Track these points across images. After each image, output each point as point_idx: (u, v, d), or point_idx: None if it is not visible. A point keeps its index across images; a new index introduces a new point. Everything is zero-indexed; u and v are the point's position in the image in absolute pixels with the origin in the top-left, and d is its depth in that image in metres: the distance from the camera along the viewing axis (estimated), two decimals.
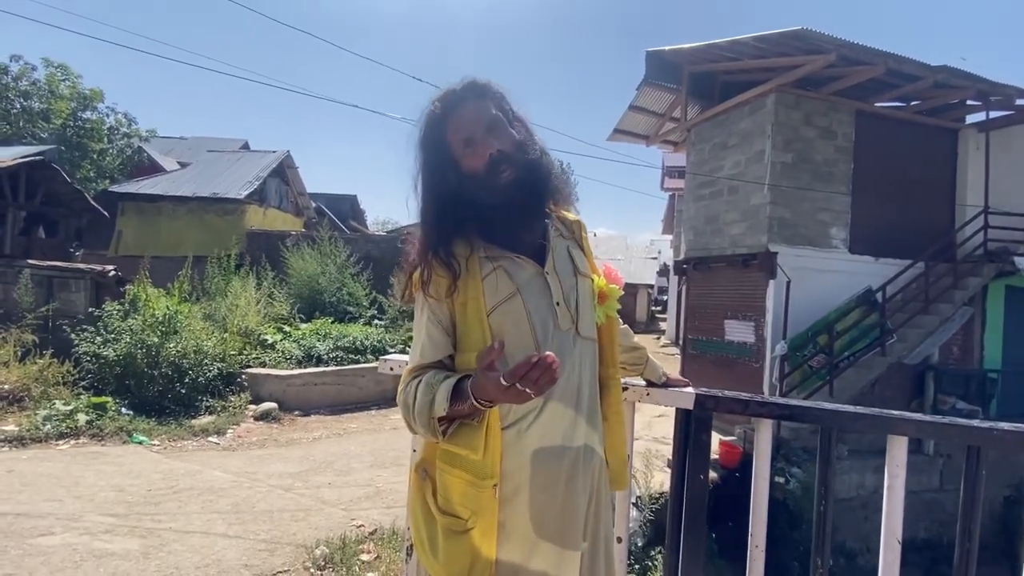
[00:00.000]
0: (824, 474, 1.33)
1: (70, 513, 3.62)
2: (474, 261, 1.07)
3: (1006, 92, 7.68)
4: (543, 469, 1.03)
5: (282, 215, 16.69)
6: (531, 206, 1.10)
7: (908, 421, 1.27)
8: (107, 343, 6.52)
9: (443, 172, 1.08)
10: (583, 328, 1.11)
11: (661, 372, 1.46)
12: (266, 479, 4.72)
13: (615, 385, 1.20)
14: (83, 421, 5.55)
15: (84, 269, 7.67)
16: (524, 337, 1.04)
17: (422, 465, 1.14)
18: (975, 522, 1.24)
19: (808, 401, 1.37)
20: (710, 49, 8.33)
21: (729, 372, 8.63)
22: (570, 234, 1.20)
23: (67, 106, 19.84)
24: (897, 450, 1.29)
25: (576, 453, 1.06)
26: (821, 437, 1.34)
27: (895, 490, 1.29)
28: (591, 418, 1.10)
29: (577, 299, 1.11)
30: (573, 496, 1.05)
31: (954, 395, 8.10)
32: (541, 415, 1.03)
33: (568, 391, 1.06)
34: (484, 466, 1.00)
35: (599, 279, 1.18)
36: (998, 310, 8.65)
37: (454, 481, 1.04)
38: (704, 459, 1.41)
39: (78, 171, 18.86)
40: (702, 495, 1.40)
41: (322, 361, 8.03)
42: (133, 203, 14.54)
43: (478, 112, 1.07)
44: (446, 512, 1.05)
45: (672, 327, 18.52)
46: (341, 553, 3.27)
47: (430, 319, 1.08)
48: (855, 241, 8.20)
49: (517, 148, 1.07)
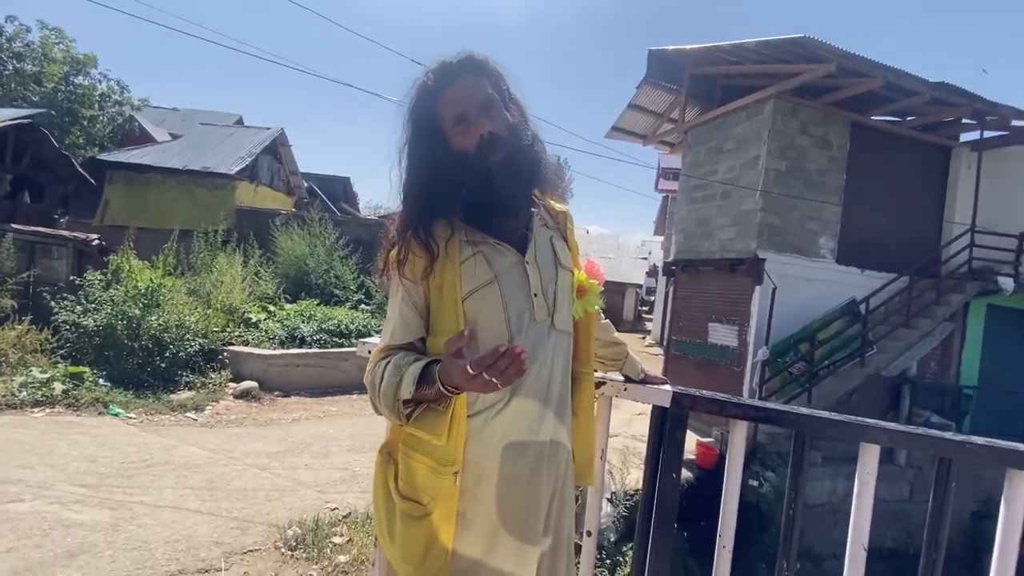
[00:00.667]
0: (796, 478, 1.34)
1: (41, 481, 3.56)
2: (453, 244, 1.05)
3: (1002, 112, 7.77)
4: (507, 461, 1.01)
5: (273, 193, 16.48)
6: (518, 193, 1.07)
7: (881, 430, 1.28)
8: (87, 313, 6.41)
9: (431, 148, 1.05)
10: (559, 321, 1.09)
11: (640, 369, 1.46)
12: (242, 457, 4.69)
13: (587, 380, 1.19)
14: (59, 390, 5.45)
15: (67, 236, 7.53)
16: (498, 325, 1.02)
17: (387, 448, 1.12)
18: (942, 533, 1.25)
19: (784, 406, 1.38)
20: (712, 51, 8.33)
21: (710, 374, 8.70)
22: (555, 225, 1.18)
23: (60, 70, 19.42)
24: (868, 458, 1.30)
25: (541, 447, 1.05)
26: (795, 441, 1.35)
27: (864, 497, 1.30)
28: (560, 412, 1.09)
29: (556, 291, 1.09)
30: (536, 491, 1.04)
31: (929, 409, 8.24)
32: (508, 406, 1.01)
33: (538, 384, 1.04)
34: (446, 452, 0.99)
35: (580, 273, 1.17)
36: (978, 328, 8.80)
37: (416, 466, 1.02)
38: (678, 457, 1.41)
39: (67, 137, 18.50)
40: (673, 493, 1.40)
41: (305, 343, 7.97)
42: (121, 172, 14.27)
43: (473, 89, 1.04)
44: (406, 497, 1.03)
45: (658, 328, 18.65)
46: (313, 535, 3.26)
47: (404, 299, 1.06)
48: (842, 252, 8.28)
49: (510, 131, 1.04)
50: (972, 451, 1.25)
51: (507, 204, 1.07)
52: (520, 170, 1.05)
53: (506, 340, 1.02)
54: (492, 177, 1.02)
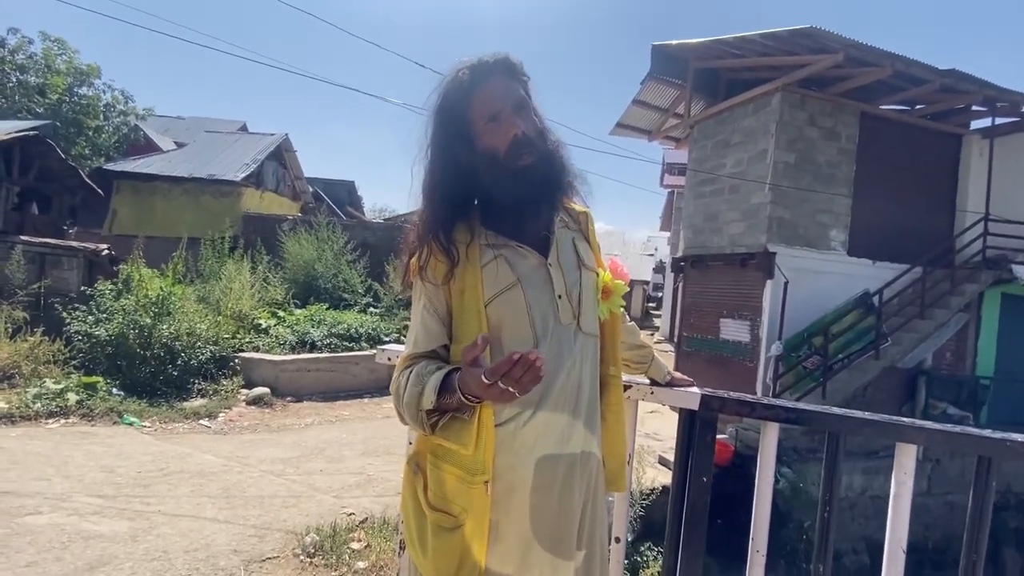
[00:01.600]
0: (830, 481, 1.31)
1: (58, 493, 3.57)
2: (474, 248, 1.03)
3: (1013, 99, 7.66)
4: (539, 472, 0.99)
5: (279, 199, 16.53)
6: (544, 196, 1.05)
7: (919, 429, 1.24)
8: (99, 323, 6.45)
9: (456, 146, 1.02)
10: (585, 323, 1.06)
11: (666, 371, 1.43)
12: (257, 464, 4.69)
13: (616, 384, 1.16)
14: (73, 400, 5.49)
15: (77, 247, 7.58)
16: (522, 330, 1.00)
17: (415, 459, 1.10)
18: (983, 534, 1.21)
19: (816, 405, 1.34)
20: (717, 45, 8.26)
21: (723, 371, 8.64)
22: (576, 226, 1.16)
23: (63, 81, 19.58)
24: (905, 458, 1.27)
25: (572, 456, 1.02)
26: (828, 443, 1.31)
27: (901, 498, 1.27)
28: (590, 418, 1.06)
29: (580, 293, 1.07)
30: (569, 502, 1.01)
31: (945, 400, 8.14)
32: (538, 413, 0.99)
33: (567, 389, 1.02)
34: (475, 462, 0.96)
35: (604, 274, 1.14)
36: (993, 317, 8.68)
37: (444, 476, 1.00)
38: (708, 461, 1.38)
39: (73, 148, 18.65)
40: (704, 497, 1.37)
41: (316, 347, 7.98)
42: (128, 182, 14.36)
43: (508, 89, 1.02)
44: (436, 508, 1.01)
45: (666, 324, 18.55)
46: (331, 541, 3.25)
47: (426, 307, 1.04)
48: (854, 244, 8.19)
49: (539, 135, 1.03)
50: (1013, 449, 1.21)
51: (532, 206, 1.05)
52: (549, 173, 1.03)
53: (531, 344, 0.99)
54: (521, 178, 1.00)
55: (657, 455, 6.73)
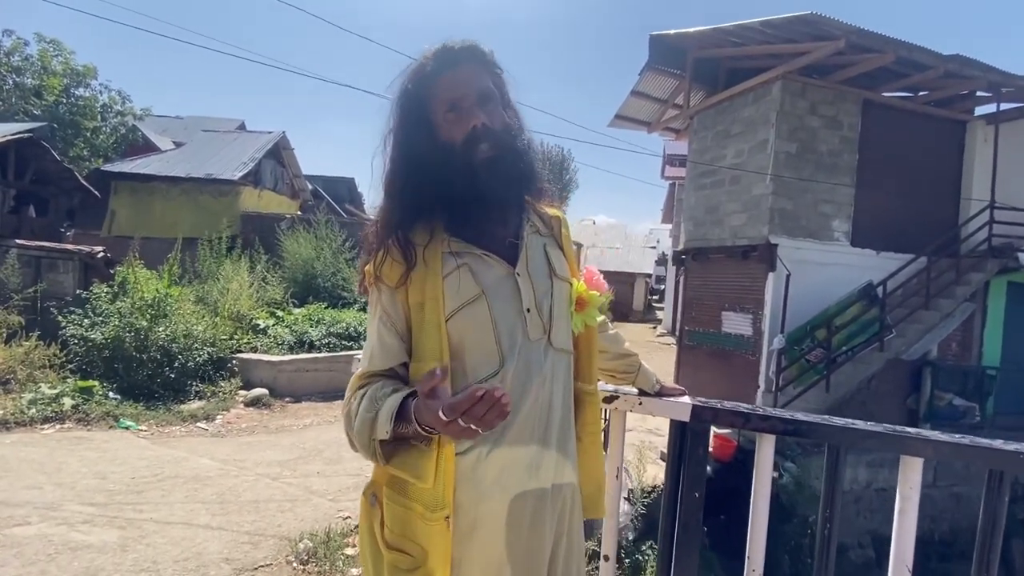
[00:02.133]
0: (831, 494, 1.23)
1: (49, 502, 3.53)
2: (434, 254, 0.93)
3: (1018, 83, 7.50)
4: (505, 505, 0.90)
5: (277, 197, 16.47)
6: (505, 195, 0.95)
7: (925, 441, 1.16)
8: (95, 326, 6.41)
9: (417, 136, 0.94)
10: (556, 339, 0.97)
11: (655, 380, 1.35)
12: (254, 467, 4.65)
13: (592, 402, 1.07)
14: (69, 405, 5.45)
15: (72, 250, 7.53)
16: (487, 347, 0.91)
17: (371, 488, 1.01)
18: (995, 550, 1.14)
19: (816, 416, 1.26)
20: (716, 34, 8.11)
21: (725, 364, 8.55)
22: (548, 231, 1.06)
23: (60, 82, 19.48)
24: (911, 471, 1.19)
25: (542, 492, 0.94)
26: (828, 455, 1.23)
27: (907, 514, 1.19)
28: (563, 441, 0.97)
29: (551, 305, 0.97)
30: (540, 538, 0.93)
31: (951, 391, 8.03)
32: (503, 439, 0.90)
33: (536, 412, 0.93)
34: (434, 496, 0.88)
35: (578, 284, 1.04)
36: (999, 306, 8.55)
37: (401, 511, 0.91)
38: (700, 475, 1.31)
39: (71, 149, 18.59)
40: (696, 516, 1.29)
41: (314, 347, 7.94)
42: (126, 183, 14.32)
43: (472, 78, 0.94)
44: (393, 547, 0.92)
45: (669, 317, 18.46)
46: (325, 547, 3.20)
47: (382, 320, 0.95)
48: (857, 234, 8.06)
49: (503, 129, 0.94)
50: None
51: (492, 206, 0.95)
52: (510, 170, 0.94)
53: (497, 362, 0.91)
54: (477, 173, 0.91)
55: (659, 451, 6.66)
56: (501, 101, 0.98)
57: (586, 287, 1.04)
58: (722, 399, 1.36)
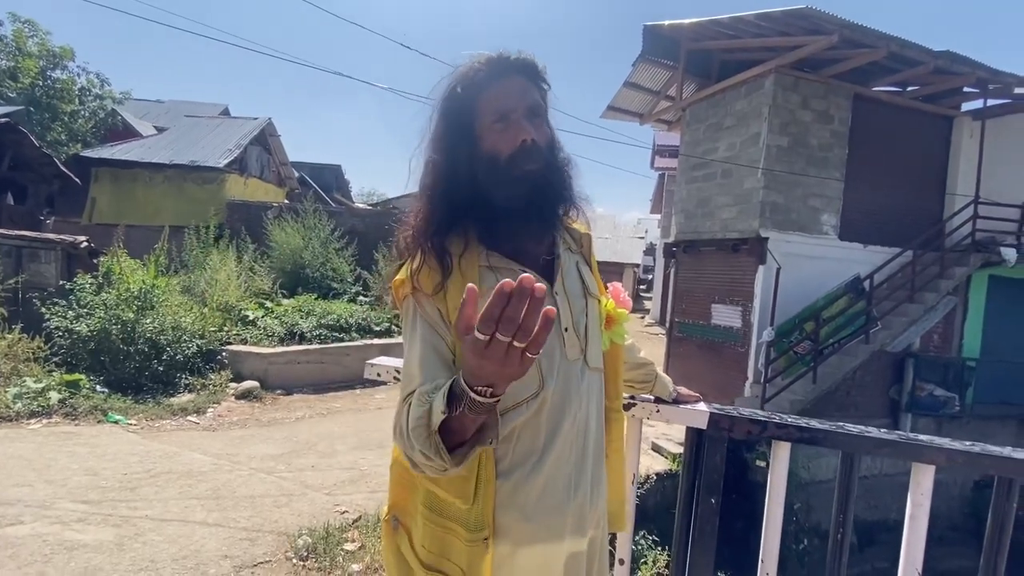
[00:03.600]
0: (844, 501, 1.25)
1: (41, 500, 3.47)
2: (471, 266, 0.91)
3: (1005, 80, 7.60)
4: (545, 526, 0.90)
5: (264, 185, 16.21)
6: (545, 211, 0.94)
7: (938, 450, 1.19)
8: (80, 318, 6.27)
9: (458, 143, 0.92)
10: (592, 358, 0.97)
11: (672, 388, 1.36)
12: (247, 462, 4.61)
13: (617, 419, 1.08)
14: (55, 399, 5.35)
15: (55, 239, 7.33)
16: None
17: (393, 512, 1.00)
18: (1002, 557, 1.17)
19: (830, 424, 1.28)
20: (710, 25, 8.09)
21: (715, 356, 8.66)
22: (579, 248, 1.06)
23: (36, 64, 18.88)
24: (923, 478, 1.21)
25: (583, 504, 0.94)
26: (842, 462, 1.26)
27: (918, 520, 1.22)
28: (597, 461, 0.98)
29: (587, 324, 0.97)
30: (578, 555, 0.94)
31: (932, 382, 8.23)
32: (543, 462, 0.89)
33: (575, 431, 0.92)
34: (474, 517, 0.87)
35: (608, 301, 1.05)
36: (980, 299, 8.76)
37: (440, 532, 0.90)
38: (716, 482, 1.32)
39: (48, 134, 18.08)
40: (713, 521, 1.31)
41: (305, 339, 7.87)
42: (107, 169, 13.96)
43: (524, 91, 0.92)
44: (430, 567, 0.91)
45: (657, 307, 18.60)
46: (324, 543, 3.20)
47: (424, 333, 0.89)
48: (845, 228, 8.18)
49: (548, 146, 0.93)
50: None
51: (531, 221, 0.93)
52: (552, 187, 0.93)
53: (536, 384, 0.89)
54: (521, 189, 0.89)
55: (650, 442, 6.75)
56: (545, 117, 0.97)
57: (614, 305, 1.04)
58: (711, 390, 1.37)
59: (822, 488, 7.08)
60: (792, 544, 6.94)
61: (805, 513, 7.12)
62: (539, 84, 0.96)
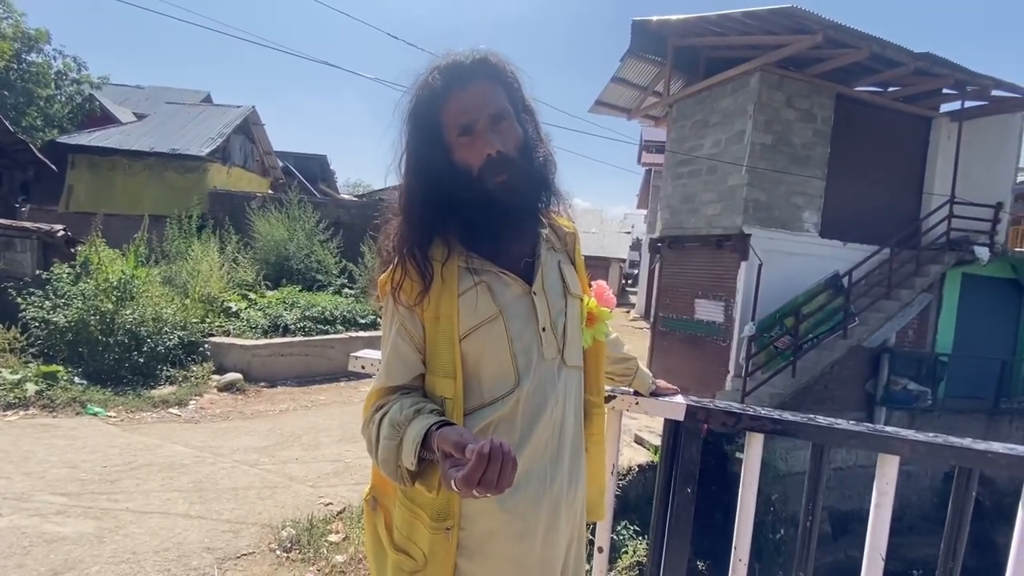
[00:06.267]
0: (813, 491, 1.31)
1: (19, 492, 3.43)
2: (451, 270, 0.93)
3: (983, 82, 7.78)
4: (519, 516, 0.92)
5: (247, 175, 15.96)
6: (521, 219, 0.96)
7: (902, 441, 1.24)
8: (57, 308, 6.15)
9: (431, 156, 0.92)
10: (569, 356, 0.99)
11: (651, 382, 1.40)
12: (230, 454, 4.59)
13: (598, 413, 1.11)
14: (32, 391, 5.25)
15: (30, 228, 7.17)
16: (503, 366, 0.92)
17: (371, 493, 1.04)
18: (960, 543, 1.23)
19: (801, 416, 1.33)
20: (698, 22, 8.15)
21: (697, 350, 8.79)
22: (562, 246, 1.07)
23: (10, 47, 18.27)
24: (888, 468, 1.27)
25: (558, 497, 0.96)
26: (812, 453, 1.31)
27: (883, 508, 1.27)
28: (575, 456, 1.01)
29: (566, 324, 0.99)
30: (553, 547, 0.97)
31: (906, 377, 8.45)
32: (519, 452, 0.91)
33: (551, 429, 0.95)
34: (440, 506, 0.90)
35: (590, 300, 1.07)
36: (953, 296, 9.00)
37: (409, 516, 0.94)
38: (692, 472, 1.37)
39: (23, 119, 17.58)
40: (688, 509, 1.36)
41: (289, 331, 7.82)
42: (84, 156, 13.63)
43: (485, 97, 0.91)
44: (400, 549, 0.95)
45: (642, 302, 18.78)
46: (308, 534, 3.21)
47: (400, 333, 0.94)
48: (826, 225, 8.33)
49: (520, 151, 0.92)
50: (994, 460, 1.21)
51: (510, 229, 0.95)
52: (527, 194, 0.94)
53: (512, 382, 0.92)
54: (494, 201, 0.90)
55: (633, 434, 6.85)
56: (517, 111, 0.96)
57: (596, 303, 1.07)
58: (694, 384, 1.42)
59: (799, 479, 7.25)
60: (769, 534, 7.11)
61: (782, 504, 7.29)
62: (503, 80, 0.94)
